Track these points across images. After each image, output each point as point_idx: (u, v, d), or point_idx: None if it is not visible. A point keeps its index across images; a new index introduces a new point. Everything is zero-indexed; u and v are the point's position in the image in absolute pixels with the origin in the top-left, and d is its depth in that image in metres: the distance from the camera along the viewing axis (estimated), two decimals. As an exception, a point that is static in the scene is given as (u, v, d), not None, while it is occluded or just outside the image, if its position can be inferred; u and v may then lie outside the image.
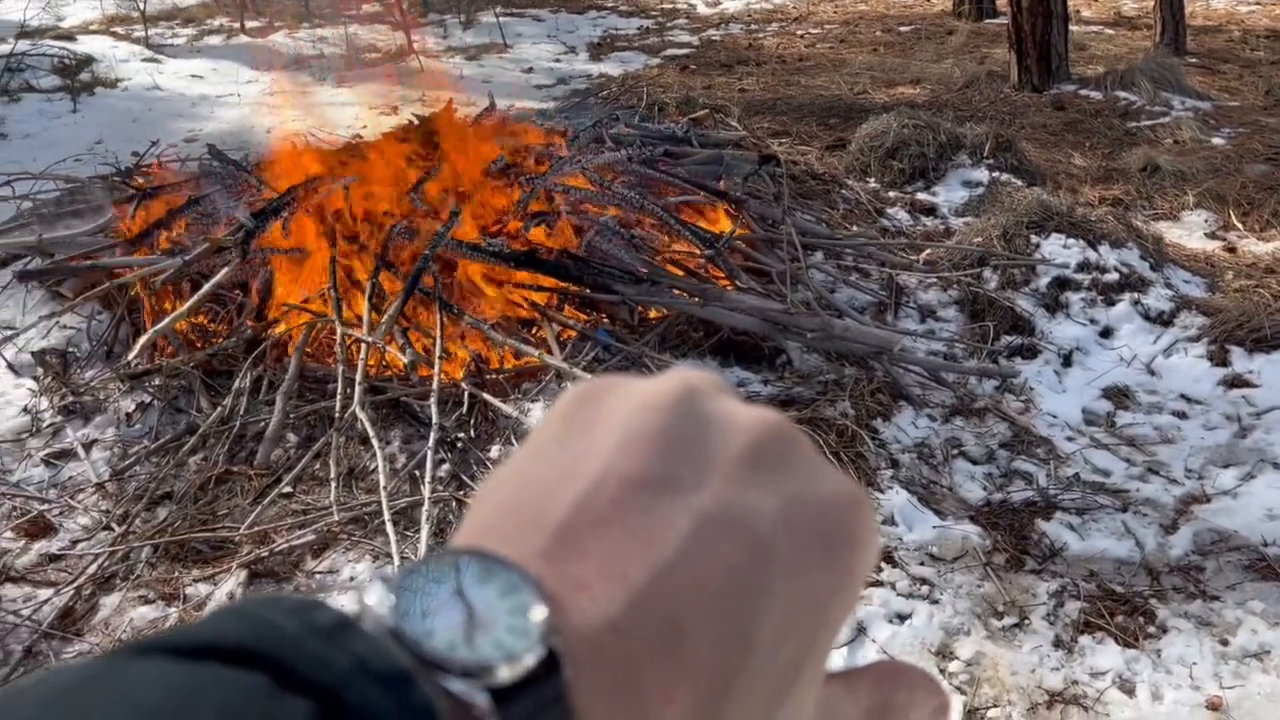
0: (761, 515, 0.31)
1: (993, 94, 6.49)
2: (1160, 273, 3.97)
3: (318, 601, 0.26)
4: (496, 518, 0.31)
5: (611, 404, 0.34)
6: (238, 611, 0.25)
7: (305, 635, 0.25)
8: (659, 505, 0.30)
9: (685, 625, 0.28)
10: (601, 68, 7.20)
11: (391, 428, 2.85)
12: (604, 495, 0.30)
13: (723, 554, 0.30)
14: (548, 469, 0.32)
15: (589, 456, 0.32)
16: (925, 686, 0.37)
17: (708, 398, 0.35)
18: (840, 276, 3.82)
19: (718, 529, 0.30)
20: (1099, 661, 2.30)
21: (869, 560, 0.33)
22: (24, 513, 2.66)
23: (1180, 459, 3.06)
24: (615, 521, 0.30)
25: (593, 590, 0.28)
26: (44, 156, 4.65)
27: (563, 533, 0.29)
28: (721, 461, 0.32)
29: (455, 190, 3.44)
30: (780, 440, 0.34)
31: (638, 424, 0.32)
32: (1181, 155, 5.38)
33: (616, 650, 0.27)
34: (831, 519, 0.32)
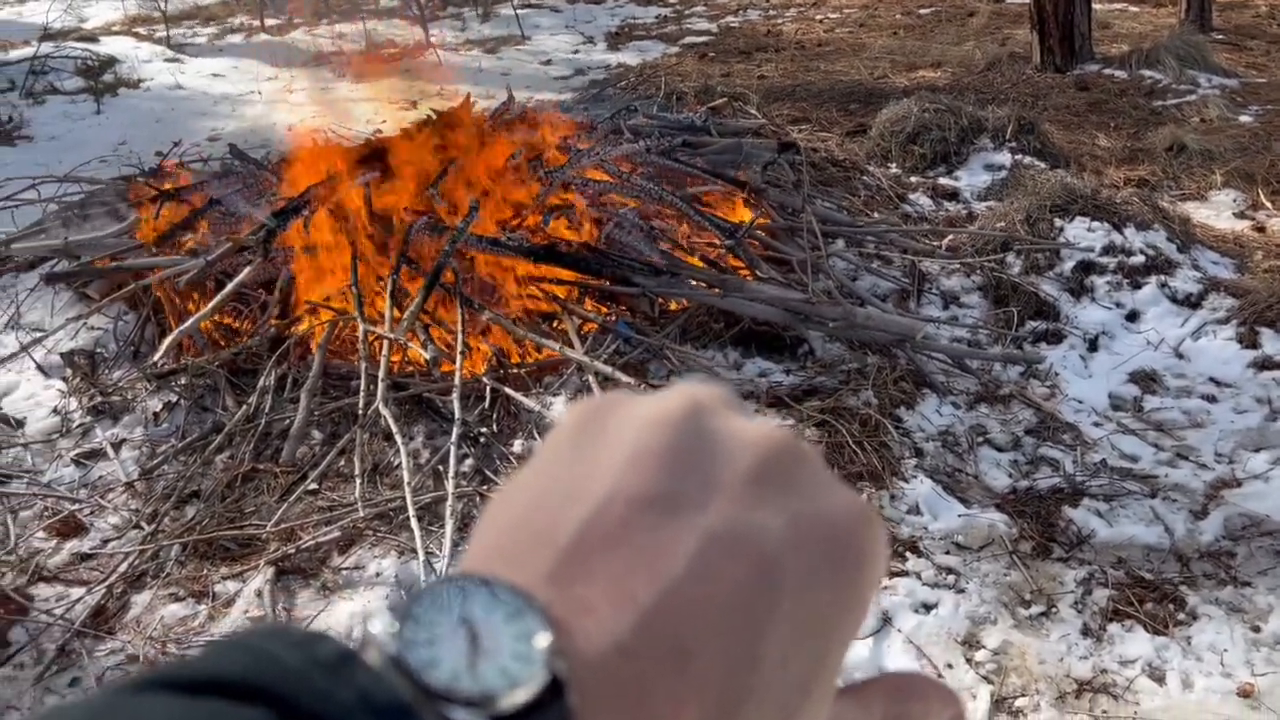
0: (768, 533, 0.31)
1: (1015, 75, 6.42)
2: (1188, 254, 3.92)
3: (321, 634, 0.26)
4: (504, 539, 0.31)
5: (617, 421, 0.34)
6: (241, 644, 0.26)
7: (308, 669, 0.25)
8: (666, 524, 0.30)
9: (692, 645, 0.28)
10: (620, 57, 7.18)
11: (415, 424, 2.87)
12: (611, 515, 0.30)
13: (729, 573, 0.29)
14: (554, 487, 0.32)
15: (595, 475, 0.31)
16: (939, 696, 0.37)
17: (714, 414, 0.34)
18: (862, 264, 3.79)
19: (724, 548, 0.30)
20: (1128, 649, 2.28)
21: (877, 576, 0.33)
22: (55, 512, 2.69)
23: (1210, 443, 3.03)
24: (622, 541, 0.30)
25: (599, 612, 0.28)
26: (69, 158, 4.70)
27: (570, 554, 0.29)
28: (728, 479, 0.32)
29: (474, 185, 3.44)
30: (787, 457, 0.34)
31: (643, 442, 0.32)
32: (1208, 134, 5.31)
33: (623, 672, 0.27)
34: (839, 536, 0.32)
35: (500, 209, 3.38)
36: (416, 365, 3.04)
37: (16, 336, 3.25)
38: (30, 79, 6.34)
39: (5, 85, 6.32)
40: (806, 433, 2.80)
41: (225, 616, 2.40)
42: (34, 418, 2.98)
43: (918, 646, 2.26)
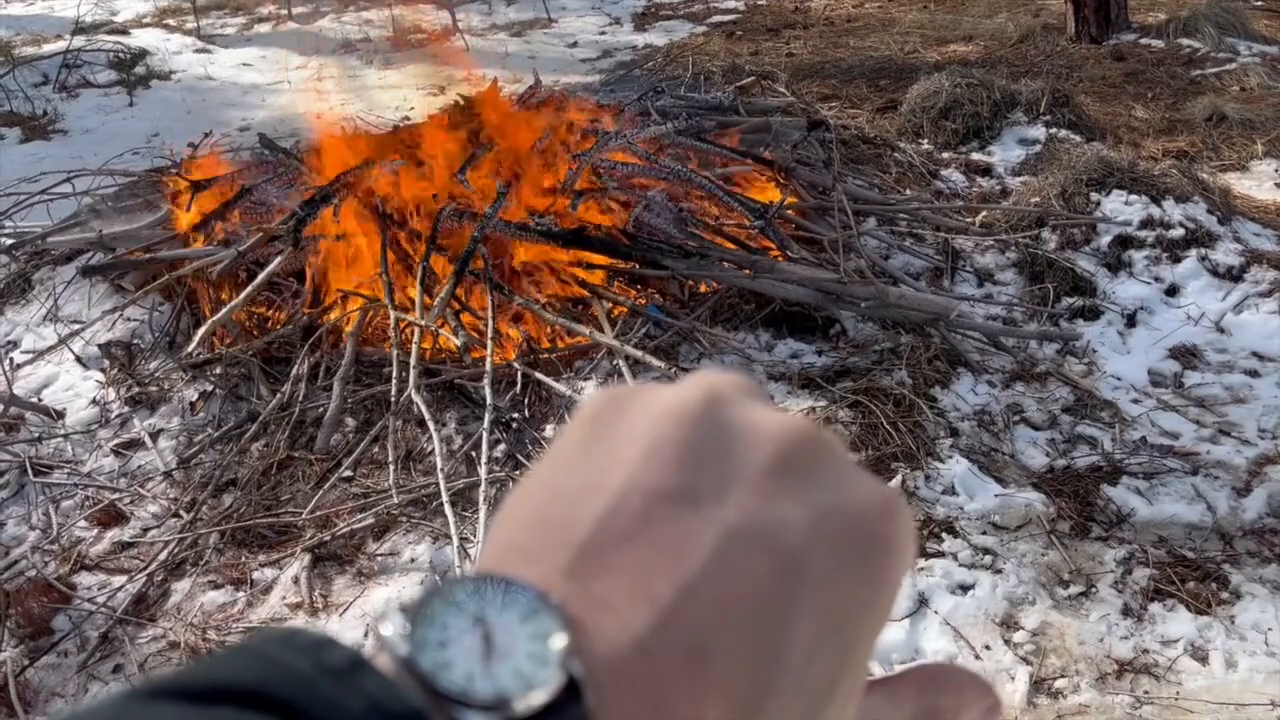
0: (790, 527, 0.30)
1: (1049, 47, 6.32)
2: (1228, 226, 3.85)
3: (330, 639, 0.26)
4: (520, 534, 0.30)
5: (634, 413, 0.33)
6: (251, 650, 0.25)
7: (318, 676, 0.24)
8: (684, 519, 0.29)
9: (713, 644, 0.28)
10: (647, 38, 7.14)
11: (447, 410, 2.88)
12: (628, 510, 0.30)
13: (751, 569, 0.29)
14: (571, 481, 0.31)
15: (612, 468, 0.31)
16: (973, 687, 0.36)
17: (733, 404, 0.34)
18: (894, 242, 3.76)
19: (745, 543, 0.29)
20: (1170, 629, 2.25)
21: (904, 568, 0.32)
22: (96, 502, 2.73)
23: (1253, 419, 2.98)
24: (640, 536, 0.29)
25: (617, 610, 0.28)
26: (103, 151, 4.74)
27: (587, 550, 0.29)
28: (748, 471, 0.31)
29: (502, 170, 3.44)
30: (809, 448, 0.33)
31: (661, 434, 0.32)
32: (1249, 103, 5.20)
33: (643, 672, 0.27)
34: (864, 528, 0.31)
35: (528, 194, 3.37)
36: (448, 352, 3.05)
37: (55, 329, 3.29)
38: (63, 73, 6.41)
39: (39, 80, 6.39)
40: (840, 414, 2.78)
41: (263, 603, 2.42)
42: (73, 409, 3.03)
43: (954, 628, 2.24)
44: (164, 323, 3.25)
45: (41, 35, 7.48)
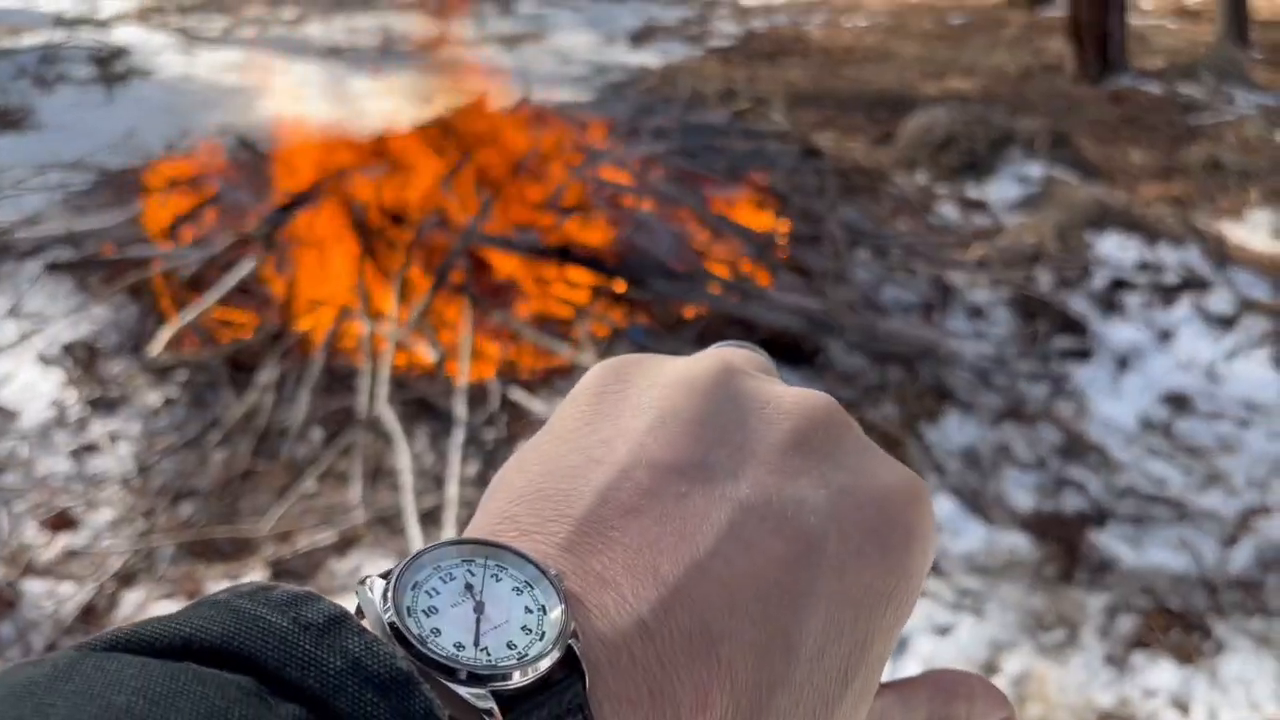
0: (807, 507, 0.28)
1: (1047, 87, 6.32)
2: (1223, 273, 3.82)
3: (310, 594, 0.23)
4: (515, 505, 0.28)
5: (642, 383, 0.31)
6: (222, 604, 0.23)
7: (295, 633, 0.22)
8: (694, 495, 0.28)
9: (721, 628, 0.26)
10: (641, 58, 7.10)
11: (418, 426, 2.80)
12: (633, 483, 0.28)
13: (764, 549, 0.27)
14: (572, 453, 0.29)
15: (617, 440, 0.29)
16: (987, 696, 0.34)
17: (748, 378, 0.32)
18: (886, 274, 3.70)
19: (759, 522, 0.28)
20: (1152, 680, 2.21)
21: (927, 558, 0.31)
22: (49, 507, 2.65)
23: (1242, 469, 2.93)
24: (645, 512, 0.27)
25: (619, 587, 0.26)
26: (78, 147, 4.65)
27: (587, 524, 0.27)
28: (764, 449, 0.29)
29: (487, 183, 3.38)
30: (829, 425, 0.31)
31: (671, 406, 0.30)
32: (1246, 152, 5.19)
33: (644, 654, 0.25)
34: (887, 512, 0.30)
35: (514, 207, 3.31)
36: (423, 367, 2.98)
37: (17, 325, 3.20)
38: (41, 67, 6.32)
39: (15, 73, 6.30)
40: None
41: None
42: (31, 409, 2.93)
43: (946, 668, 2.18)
44: (130, 324, 3.17)
45: (20, 27, 7.40)
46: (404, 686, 0.22)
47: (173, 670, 0.20)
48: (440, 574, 0.25)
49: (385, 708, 0.21)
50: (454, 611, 0.25)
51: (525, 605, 0.25)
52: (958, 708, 0.33)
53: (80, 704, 0.19)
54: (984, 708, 0.34)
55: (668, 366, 0.32)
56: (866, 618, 0.28)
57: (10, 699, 0.19)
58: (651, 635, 0.25)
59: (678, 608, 0.26)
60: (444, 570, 0.25)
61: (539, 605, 0.25)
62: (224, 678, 0.21)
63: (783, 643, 0.26)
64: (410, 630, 0.24)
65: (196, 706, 0.20)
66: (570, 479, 0.28)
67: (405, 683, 0.22)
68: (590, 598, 0.26)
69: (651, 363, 0.32)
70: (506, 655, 0.24)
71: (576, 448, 0.29)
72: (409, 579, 0.25)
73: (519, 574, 0.25)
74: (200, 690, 0.20)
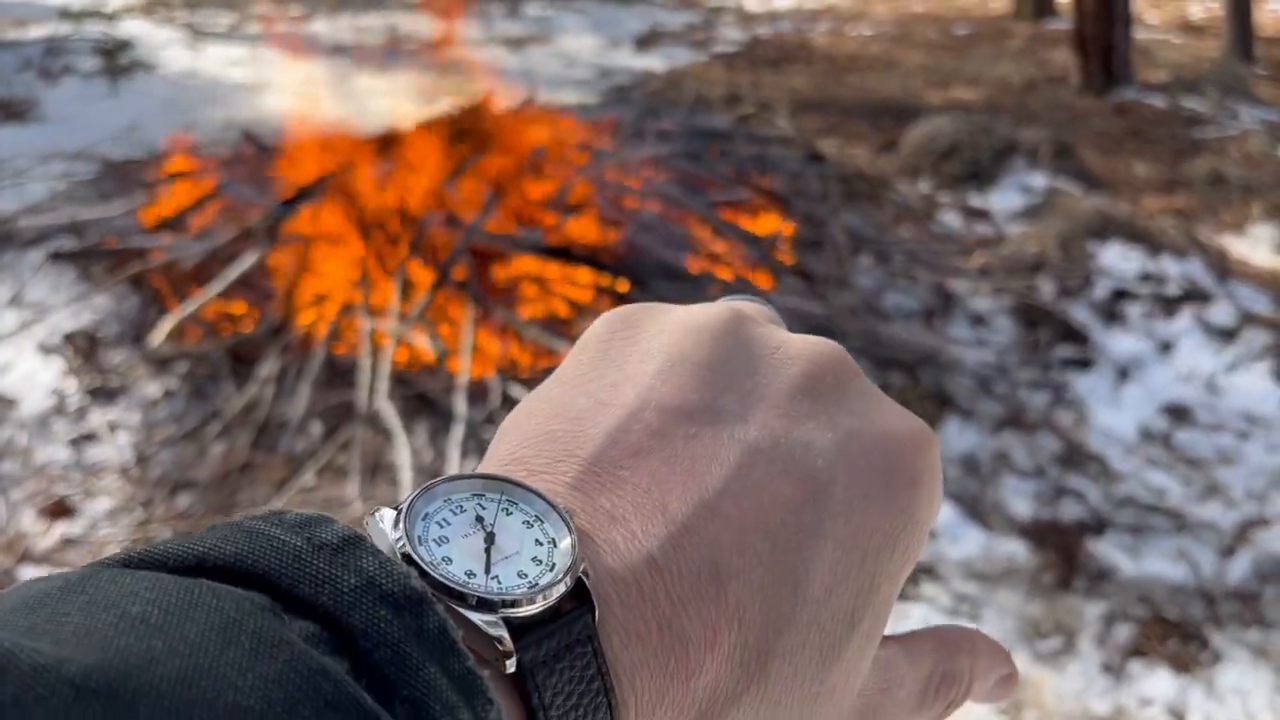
0: (815, 451, 0.28)
1: (1051, 99, 6.32)
2: (1224, 286, 3.82)
3: (324, 516, 0.24)
4: (523, 447, 0.28)
5: (652, 329, 0.31)
6: (235, 525, 0.23)
7: (309, 552, 0.22)
8: (703, 436, 0.28)
9: (730, 566, 0.26)
10: (646, 62, 7.11)
11: (418, 421, 2.79)
12: (641, 424, 0.28)
13: (772, 490, 0.27)
14: (580, 397, 0.29)
15: (626, 384, 0.29)
16: (991, 653, 0.34)
17: (757, 325, 0.32)
18: (888, 280, 3.70)
19: (767, 463, 0.28)
20: (1149, 689, 2.21)
21: (934, 504, 0.31)
22: (47, 495, 2.64)
23: (1241, 481, 2.93)
24: (654, 453, 0.27)
25: (628, 524, 0.26)
26: (82, 139, 4.65)
27: (596, 463, 0.27)
28: (773, 393, 0.30)
29: (491, 181, 3.38)
30: (838, 371, 0.32)
31: (680, 350, 0.30)
32: (1249, 167, 5.19)
33: (653, 589, 0.25)
34: (895, 456, 0.30)
35: (517, 206, 3.31)
36: (424, 364, 2.97)
37: (18, 314, 3.20)
38: (46, 59, 6.32)
39: (21, 64, 6.29)
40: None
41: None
42: (31, 398, 2.93)
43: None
44: (131, 314, 3.16)
45: (25, 19, 7.39)
46: (418, 605, 0.22)
47: (187, 584, 0.20)
48: (451, 506, 0.25)
49: (399, 625, 0.21)
50: (465, 542, 0.25)
51: (535, 538, 0.25)
52: (961, 661, 0.33)
53: (94, 612, 0.19)
54: (988, 663, 0.34)
55: (676, 313, 0.32)
56: (873, 561, 0.28)
57: (24, 608, 0.20)
58: (660, 571, 0.26)
59: (687, 545, 0.26)
60: (454, 503, 0.26)
61: (549, 538, 0.25)
62: (238, 593, 0.21)
63: (790, 583, 0.27)
64: (422, 557, 0.24)
65: (211, 618, 0.20)
66: (579, 421, 0.28)
67: (419, 601, 0.22)
68: (599, 534, 0.26)
69: (659, 310, 0.33)
70: (517, 584, 0.24)
71: (585, 392, 0.29)
72: (420, 509, 0.25)
73: (529, 509, 0.26)
74: (214, 603, 0.20)
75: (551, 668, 0.24)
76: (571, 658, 0.24)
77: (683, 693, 0.25)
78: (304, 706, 0.19)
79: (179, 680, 0.18)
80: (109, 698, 0.17)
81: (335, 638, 0.21)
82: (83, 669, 0.17)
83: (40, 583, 0.21)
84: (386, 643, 0.21)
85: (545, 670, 0.24)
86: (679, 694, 0.25)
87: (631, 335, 0.31)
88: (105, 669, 0.18)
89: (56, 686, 0.17)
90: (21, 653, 0.17)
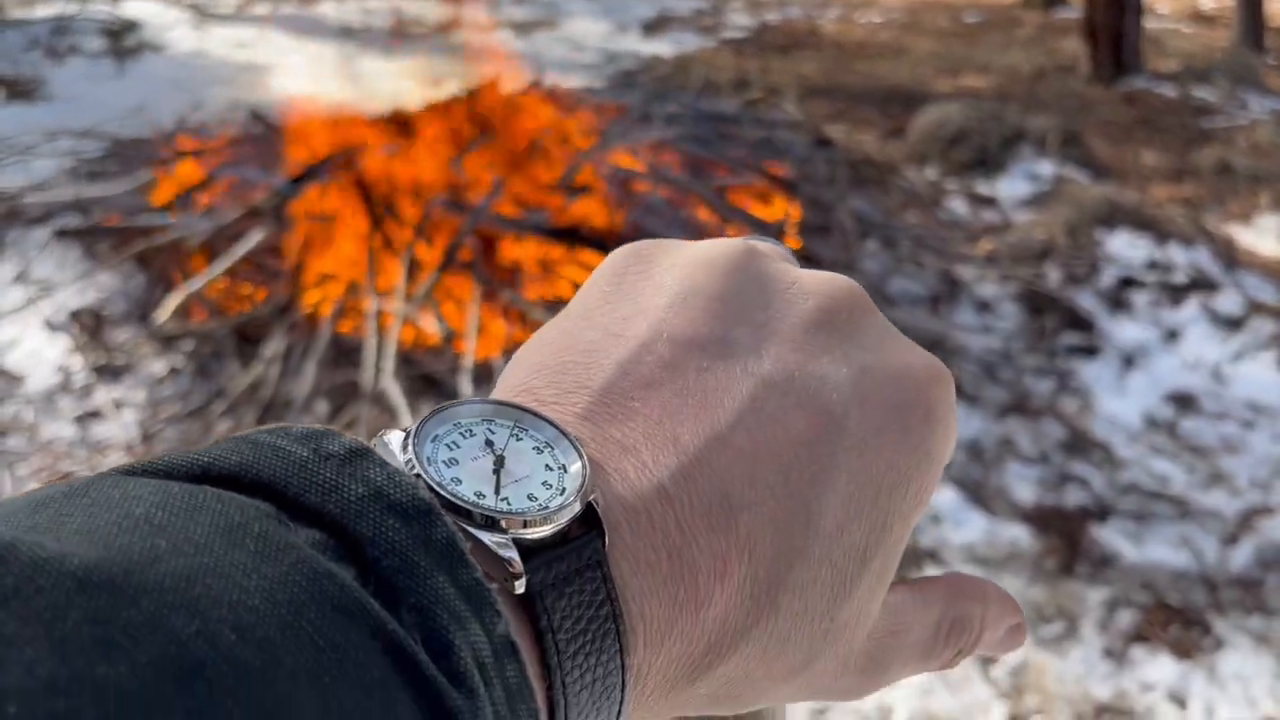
0: (830, 385, 0.28)
1: (1060, 87, 6.30)
2: (1231, 275, 3.81)
3: (330, 430, 0.23)
4: (534, 378, 0.28)
5: (665, 263, 0.31)
6: (241, 438, 0.23)
7: (315, 462, 0.22)
8: (715, 369, 0.28)
9: (741, 498, 0.26)
10: (654, 47, 7.09)
11: (423, 401, 2.80)
12: (654, 356, 0.28)
13: (785, 423, 0.27)
14: (591, 329, 0.29)
15: (638, 316, 0.29)
16: (1001, 602, 0.34)
17: (771, 260, 0.32)
18: (894, 266, 3.70)
19: (780, 396, 0.27)
20: (1150, 674, 2.21)
21: (949, 440, 0.30)
22: (52, 471, 2.65)
23: (1245, 469, 2.93)
24: (665, 384, 0.27)
25: (639, 454, 0.26)
26: (88, 118, 4.64)
27: (606, 394, 0.27)
28: (787, 327, 0.29)
29: (498, 163, 3.37)
30: (853, 306, 0.31)
31: (694, 284, 0.30)
32: (1257, 157, 5.17)
33: (663, 518, 0.25)
34: (908, 393, 0.29)
35: (524, 188, 3.30)
36: (428, 346, 2.97)
37: (24, 291, 3.20)
38: (53, 38, 6.30)
39: (28, 43, 6.29)
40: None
41: None
42: (37, 374, 2.93)
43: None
44: (137, 292, 3.17)
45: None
46: (426, 515, 0.22)
47: (191, 489, 0.20)
48: (460, 430, 0.25)
49: (406, 534, 0.21)
50: (474, 464, 0.25)
51: (545, 463, 0.25)
52: (973, 609, 0.33)
53: (97, 513, 0.19)
54: (998, 611, 0.34)
55: (689, 248, 0.32)
56: (887, 497, 0.28)
57: (27, 509, 0.19)
58: (671, 500, 0.25)
59: (698, 476, 0.26)
60: (464, 427, 0.25)
61: (559, 464, 0.25)
62: (242, 499, 0.21)
63: (803, 517, 0.26)
64: (431, 476, 0.24)
65: (216, 520, 0.19)
66: (590, 353, 0.28)
67: (427, 512, 0.22)
68: (610, 463, 0.26)
69: (672, 245, 0.32)
70: (527, 506, 0.24)
71: (596, 325, 0.29)
72: (429, 431, 0.25)
73: (539, 435, 0.25)
74: (219, 507, 0.20)
75: (560, 590, 0.23)
76: (581, 581, 0.24)
77: (692, 623, 0.25)
78: (310, 609, 0.19)
79: (183, 577, 0.18)
80: (112, 591, 0.17)
81: (342, 545, 0.21)
82: (85, 563, 0.17)
83: (43, 488, 0.20)
84: (394, 551, 0.21)
85: (554, 593, 0.23)
86: (688, 624, 0.25)
87: (644, 269, 0.31)
88: (108, 564, 0.17)
89: (59, 579, 0.17)
90: (23, 545, 0.17)
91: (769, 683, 0.27)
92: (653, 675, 0.26)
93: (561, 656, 0.23)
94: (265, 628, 0.18)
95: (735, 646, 0.26)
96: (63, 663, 0.16)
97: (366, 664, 0.19)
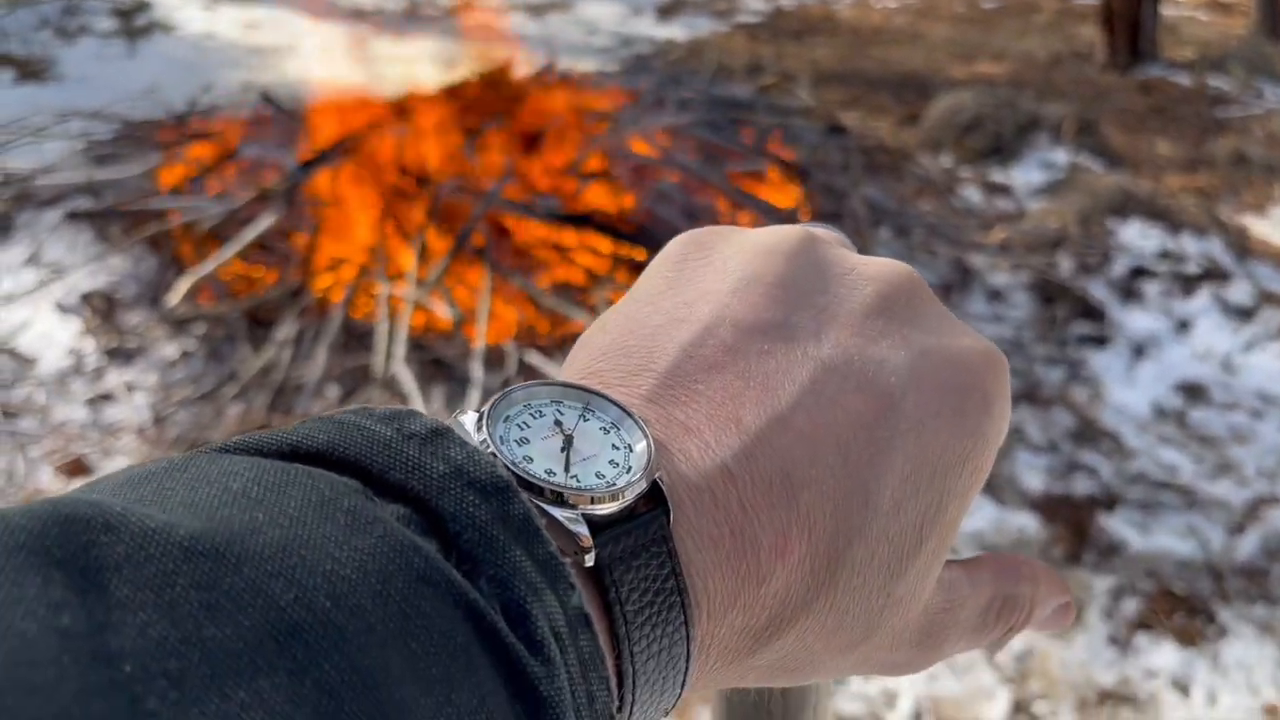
0: (888, 368, 0.29)
1: (1076, 74, 6.26)
2: (1243, 265, 3.79)
3: (412, 410, 0.24)
4: (599, 362, 0.29)
5: (726, 250, 0.32)
6: (325, 418, 0.24)
7: (399, 441, 0.23)
8: (776, 352, 0.28)
9: (802, 476, 0.26)
10: (668, 31, 7.06)
11: (435, 386, 2.81)
12: (716, 340, 0.28)
13: (845, 405, 0.28)
14: (655, 314, 0.30)
15: (700, 301, 0.30)
16: (1049, 581, 0.35)
17: (830, 247, 0.33)
18: (907, 254, 3.69)
19: (840, 380, 0.28)
20: (1154, 661, 2.22)
21: (1003, 424, 0.31)
22: (64, 453, 2.67)
23: (1253, 459, 2.93)
24: (728, 368, 0.28)
25: (702, 434, 0.27)
26: (99, 98, 4.64)
27: (670, 376, 0.28)
28: (846, 312, 0.30)
29: (510, 148, 3.37)
30: (911, 291, 0.32)
31: (755, 270, 0.30)
32: (1272, 147, 5.14)
33: (726, 496, 0.26)
34: (965, 377, 0.30)
35: (536, 173, 3.31)
36: (440, 331, 2.98)
37: (36, 273, 3.22)
38: (63, 18, 6.31)
39: (38, 23, 6.29)
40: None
41: None
42: (49, 357, 2.95)
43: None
44: (148, 275, 3.18)
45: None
46: (504, 492, 0.23)
47: (282, 466, 0.22)
48: (530, 410, 0.26)
49: (486, 510, 0.22)
50: (544, 443, 0.26)
51: (612, 443, 0.26)
52: (1023, 588, 0.34)
53: (198, 487, 0.20)
54: (1047, 590, 0.34)
55: (749, 235, 0.32)
56: (943, 478, 0.29)
57: (130, 484, 0.21)
58: (733, 479, 0.26)
59: (759, 455, 0.26)
60: (534, 408, 0.26)
61: (625, 443, 0.26)
62: (332, 476, 0.22)
63: (861, 495, 0.27)
64: (505, 454, 0.25)
65: (308, 495, 0.21)
66: (654, 337, 0.29)
67: (505, 489, 0.23)
68: (674, 443, 0.26)
69: (732, 232, 0.33)
70: (595, 483, 0.25)
71: (659, 309, 0.30)
72: (501, 412, 0.26)
73: (605, 415, 0.26)
74: (310, 482, 0.21)
75: (628, 564, 0.24)
76: (647, 556, 0.25)
77: (754, 597, 0.26)
78: (397, 578, 0.20)
79: (280, 548, 0.19)
80: (216, 559, 0.18)
81: (425, 520, 0.22)
82: (190, 533, 0.18)
83: (142, 465, 0.22)
84: (474, 525, 0.22)
85: (622, 566, 0.24)
86: (750, 598, 0.26)
87: (705, 256, 0.32)
88: (211, 534, 0.19)
89: (167, 547, 0.18)
90: (134, 516, 0.18)
91: (827, 656, 0.28)
92: (715, 646, 0.27)
93: (630, 627, 0.24)
94: (357, 596, 0.19)
95: (795, 620, 0.27)
96: (173, 625, 0.17)
97: (450, 631, 0.20)
